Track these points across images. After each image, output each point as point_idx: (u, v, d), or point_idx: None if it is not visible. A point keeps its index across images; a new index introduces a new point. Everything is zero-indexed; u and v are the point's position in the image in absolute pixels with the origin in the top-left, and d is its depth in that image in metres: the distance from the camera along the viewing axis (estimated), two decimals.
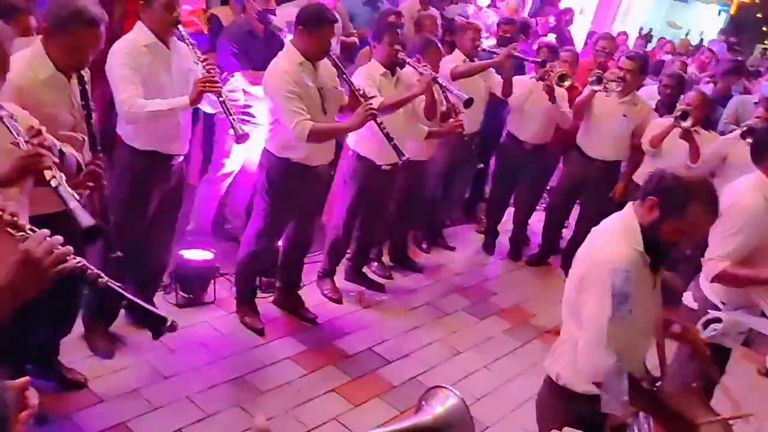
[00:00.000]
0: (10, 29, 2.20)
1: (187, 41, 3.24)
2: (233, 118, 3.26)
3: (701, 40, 15.32)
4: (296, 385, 3.56)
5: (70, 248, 1.42)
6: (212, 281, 4.09)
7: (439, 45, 4.54)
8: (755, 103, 6.05)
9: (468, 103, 4.30)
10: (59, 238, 1.42)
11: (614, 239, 2.19)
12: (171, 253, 3.82)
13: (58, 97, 2.67)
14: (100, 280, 1.45)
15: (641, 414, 2.26)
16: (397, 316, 4.46)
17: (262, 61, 4.16)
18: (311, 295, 4.37)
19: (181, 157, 3.48)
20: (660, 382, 2.36)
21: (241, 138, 3.33)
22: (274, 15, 4.33)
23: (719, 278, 2.90)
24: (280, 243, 4.06)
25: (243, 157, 4.45)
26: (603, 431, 2.28)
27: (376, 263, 4.91)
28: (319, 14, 3.59)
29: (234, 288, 4.08)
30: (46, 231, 1.42)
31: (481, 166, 5.88)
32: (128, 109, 3.09)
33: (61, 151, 2.25)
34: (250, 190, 4.69)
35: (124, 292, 1.48)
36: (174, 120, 3.30)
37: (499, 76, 5.12)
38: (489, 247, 5.78)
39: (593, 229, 2.34)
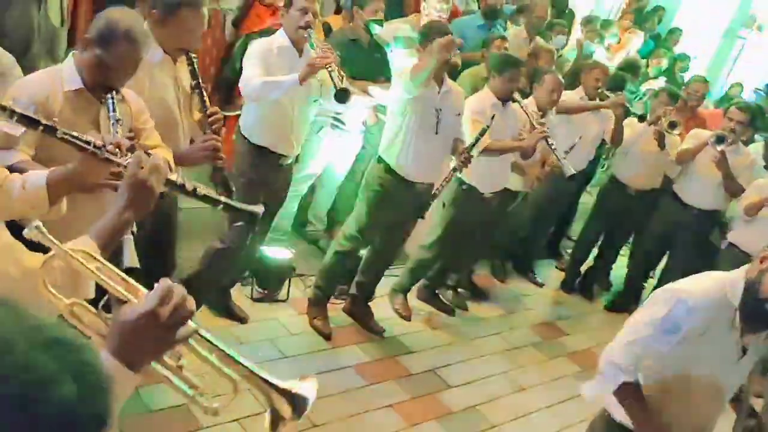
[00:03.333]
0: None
1: (315, 44, 3.37)
2: (336, 80, 3.30)
3: None
4: (355, 395, 3.56)
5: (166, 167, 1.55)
6: (288, 280, 4.17)
7: (562, 85, 4.54)
8: None
9: (570, 178, 4.37)
10: (156, 157, 1.53)
11: (705, 277, 2.13)
12: (257, 249, 3.92)
13: (166, 80, 2.79)
14: (198, 190, 1.65)
15: None
16: (464, 342, 4.40)
17: (363, 70, 4.25)
18: (381, 308, 4.37)
19: (291, 159, 3.60)
20: None
21: (341, 93, 3.33)
22: (380, 26, 4.40)
23: None
24: (362, 252, 4.11)
25: (328, 160, 4.53)
26: None
27: (451, 292, 4.85)
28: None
29: (309, 288, 4.15)
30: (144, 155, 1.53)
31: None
32: (246, 84, 3.31)
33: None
34: (333, 195, 4.78)
35: (219, 198, 1.69)
36: (286, 119, 3.46)
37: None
38: (568, 285, 5.63)
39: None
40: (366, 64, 4.27)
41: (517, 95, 4.16)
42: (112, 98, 2.16)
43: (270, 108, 3.44)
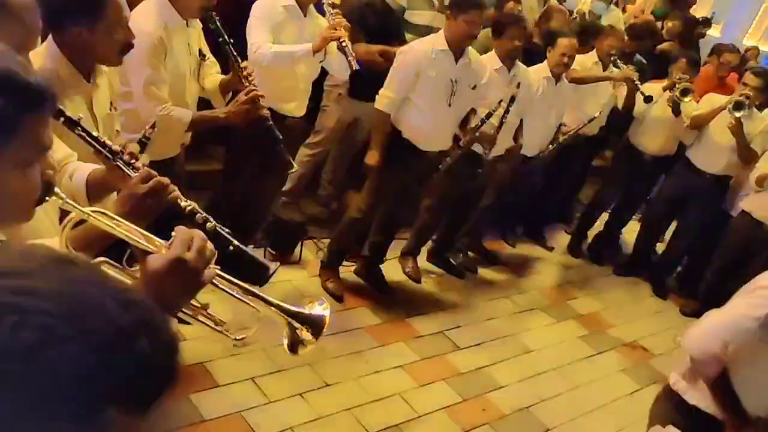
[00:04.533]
0: None
1: (326, 6, 3.38)
2: (350, 59, 3.34)
3: None
4: (366, 355, 3.65)
5: (176, 192, 1.54)
6: (300, 242, 4.23)
7: (573, 39, 4.49)
8: None
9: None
10: (166, 180, 1.53)
11: None
12: (269, 210, 3.98)
13: (181, 46, 2.81)
14: (208, 224, 1.55)
15: None
16: (473, 304, 4.47)
17: (378, 33, 4.23)
18: (392, 270, 4.43)
19: (296, 119, 3.61)
20: None
21: (356, 74, 3.41)
22: None
23: None
24: None
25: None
26: None
27: (461, 255, 4.91)
28: None
29: (321, 251, 4.21)
30: (154, 173, 1.53)
31: None
32: (255, 51, 3.29)
33: None
34: (347, 161, 4.81)
35: (232, 238, 1.57)
36: (293, 82, 3.46)
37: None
38: (575, 249, 5.67)
39: None
40: (380, 27, 4.24)
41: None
42: None
43: (276, 70, 3.41)
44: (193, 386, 3.05)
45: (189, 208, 1.56)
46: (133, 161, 1.63)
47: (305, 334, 1.32)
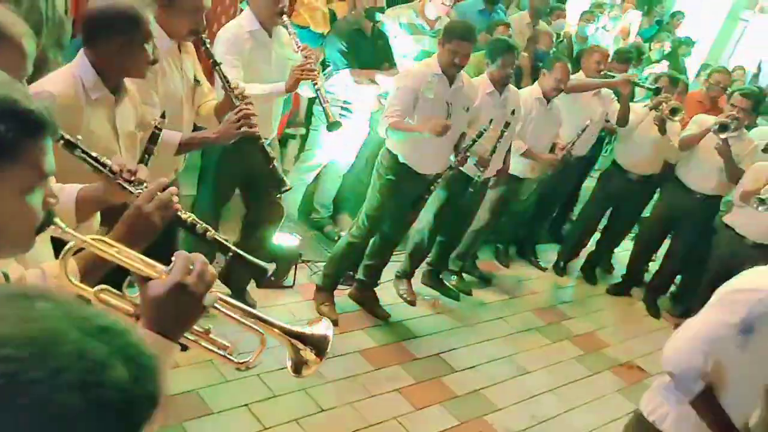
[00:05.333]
0: None
1: (289, 30, 3.38)
2: (326, 106, 3.41)
3: None
4: (362, 379, 3.62)
5: (177, 205, 1.54)
6: (294, 266, 4.21)
7: (568, 65, 4.57)
8: None
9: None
10: (170, 193, 1.53)
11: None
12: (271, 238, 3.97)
13: (174, 71, 2.82)
14: (208, 233, 1.56)
15: None
16: (468, 326, 4.45)
17: (369, 59, 4.27)
18: (386, 293, 4.42)
19: (268, 141, 3.59)
20: None
21: (333, 125, 3.49)
22: (382, 12, 4.41)
23: None
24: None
25: (335, 149, 4.56)
26: None
27: (455, 277, 4.90)
28: None
29: (315, 275, 4.20)
30: (157, 188, 1.52)
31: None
32: None
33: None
34: (338, 183, 4.82)
35: (229, 245, 1.57)
36: (266, 105, 3.44)
37: (617, 103, 5.05)
38: (562, 269, 5.65)
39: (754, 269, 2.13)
40: (370, 52, 4.29)
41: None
42: None
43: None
44: (187, 414, 3.01)
45: (189, 219, 1.56)
46: (132, 178, 1.65)
47: (309, 354, 1.31)
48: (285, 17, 3.37)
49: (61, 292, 1.18)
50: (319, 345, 1.31)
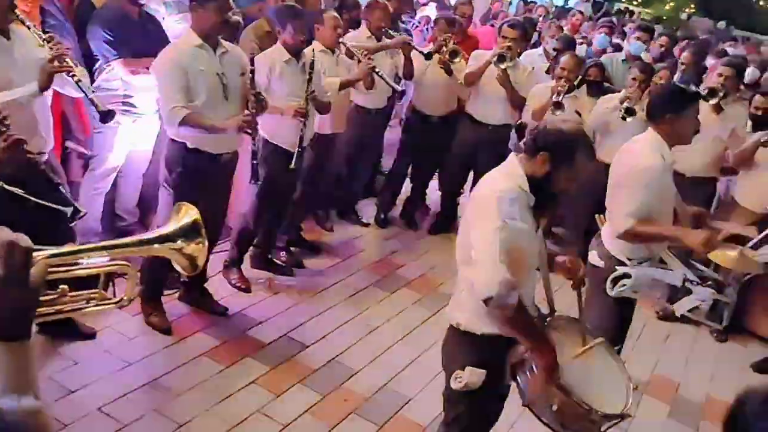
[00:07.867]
0: None
1: (27, 24, 3.01)
2: (92, 97, 3.10)
3: (566, 1, 16.04)
4: (214, 381, 3.45)
5: None
6: (110, 283, 3.85)
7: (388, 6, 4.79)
8: (623, 60, 6.40)
9: (401, 94, 4.91)
10: None
11: (500, 179, 2.33)
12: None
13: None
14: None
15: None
16: (308, 299, 4.41)
17: (142, 46, 3.93)
18: (219, 286, 4.23)
19: (45, 155, 3.20)
20: (549, 318, 2.52)
21: (105, 115, 3.17)
22: None
23: (626, 235, 3.06)
24: None
25: (127, 150, 4.21)
26: (504, 370, 2.42)
27: (284, 253, 4.80)
28: None
29: (137, 287, 3.88)
30: None
31: None
32: None
33: None
34: (139, 184, 4.48)
35: (24, 194, 1.43)
36: (28, 114, 3.04)
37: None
38: (383, 219, 5.79)
39: (480, 180, 2.47)
40: (141, 39, 3.95)
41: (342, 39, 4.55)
42: None
43: (7, 108, 2.89)
44: None
45: None
46: None
47: (190, 246, 1.28)
48: (17, 12, 2.96)
49: None
50: (190, 231, 1.28)
